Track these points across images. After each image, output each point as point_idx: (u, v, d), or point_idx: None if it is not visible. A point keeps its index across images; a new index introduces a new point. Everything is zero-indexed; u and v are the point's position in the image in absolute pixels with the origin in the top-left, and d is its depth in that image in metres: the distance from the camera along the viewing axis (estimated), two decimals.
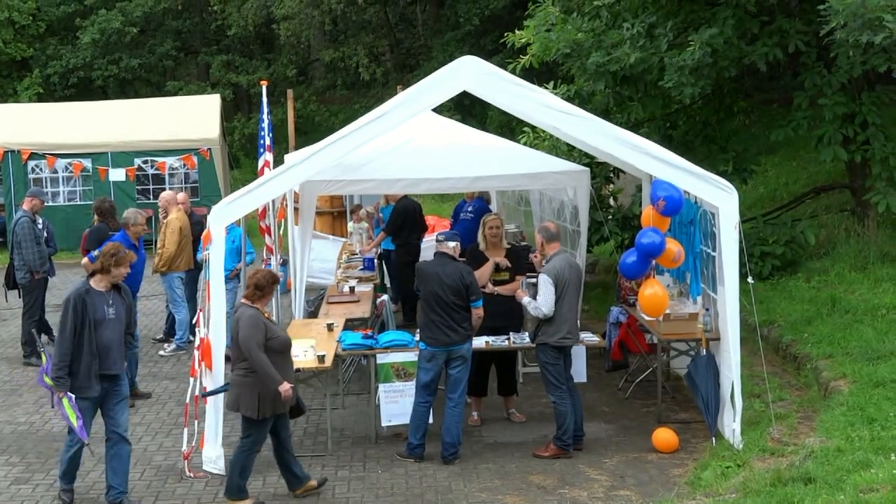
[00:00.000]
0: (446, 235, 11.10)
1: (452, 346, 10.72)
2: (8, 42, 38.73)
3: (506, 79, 10.75)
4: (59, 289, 20.36)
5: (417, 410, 10.89)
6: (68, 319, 9.40)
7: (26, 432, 12.26)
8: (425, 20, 42.22)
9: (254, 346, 9.28)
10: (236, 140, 37.86)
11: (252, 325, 9.37)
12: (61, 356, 9.37)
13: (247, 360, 9.38)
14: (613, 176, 16.98)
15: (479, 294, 10.82)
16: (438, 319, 10.72)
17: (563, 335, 10.78)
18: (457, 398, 10.79)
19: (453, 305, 10.65)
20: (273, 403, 9.43)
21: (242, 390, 9.46)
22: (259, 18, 39.31)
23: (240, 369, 9.49)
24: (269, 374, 9.28)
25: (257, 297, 9.56)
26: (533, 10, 16.91)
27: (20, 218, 15.35)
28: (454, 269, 10.78)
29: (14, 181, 26.18)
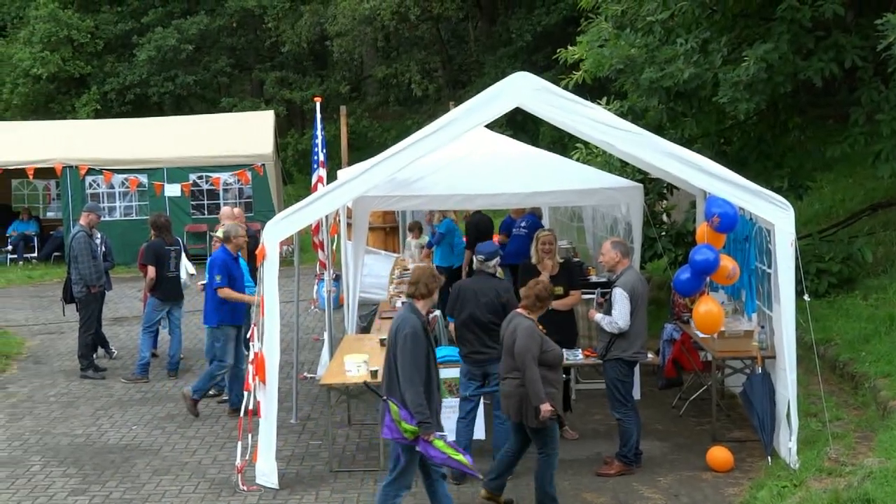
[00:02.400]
0: (485, 254, 11.07)
1: (486, 364, 10.70)
2: (67, 60, 39.27)
3: (559, 95, 10.73)
4: (115, 303, 20.61)
5: (457, 427, 10.90)
6: (419, 354, 8.88)
7: (83, 444, 12.38)
8: (477, 36, 42.33)
9: (529, 359, 9.27)
10: (289, 156, 38.11)
11: (529, 337, 9.38)
12: (420, 395, 8.80)
13: (518, 369, 9.37)
14: (667, 192, 16.89)
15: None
16: (473, 338, 10.76)
17: (637, 350, 10.74)
18: (502, 415, 10.74)
19: (490, 324, 10.62)
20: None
21: (523, 400, 9.42)
22: (312, 35, 39.57)
23: (513, 378, 9.45)
24: (536, 390, 9.28)
25: (536, 308, 9.60)
26: (586, 26, 16.89)
27: (77, 233, 15.54)
28: (490, 287, 10.78)
29: (72, 196, 26.53)
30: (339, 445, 11.88)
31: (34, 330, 19.43)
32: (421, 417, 8.71)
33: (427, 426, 8.74)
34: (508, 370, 9.55)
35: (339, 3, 38.29)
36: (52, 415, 13.69)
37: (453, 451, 8.85)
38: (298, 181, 34.73)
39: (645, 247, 15.11)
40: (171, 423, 13.13)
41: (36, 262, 28.20)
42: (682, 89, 14.99)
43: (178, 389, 14.73)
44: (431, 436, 8.77)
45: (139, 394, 14.62)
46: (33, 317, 20.83)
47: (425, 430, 8.75)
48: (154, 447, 12.20)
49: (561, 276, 12.15)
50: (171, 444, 12.30)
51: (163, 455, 11.87)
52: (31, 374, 16.04)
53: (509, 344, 9.53)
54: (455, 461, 8.86)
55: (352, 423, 12.77)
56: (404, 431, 8.78)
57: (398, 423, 8.78)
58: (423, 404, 8.72)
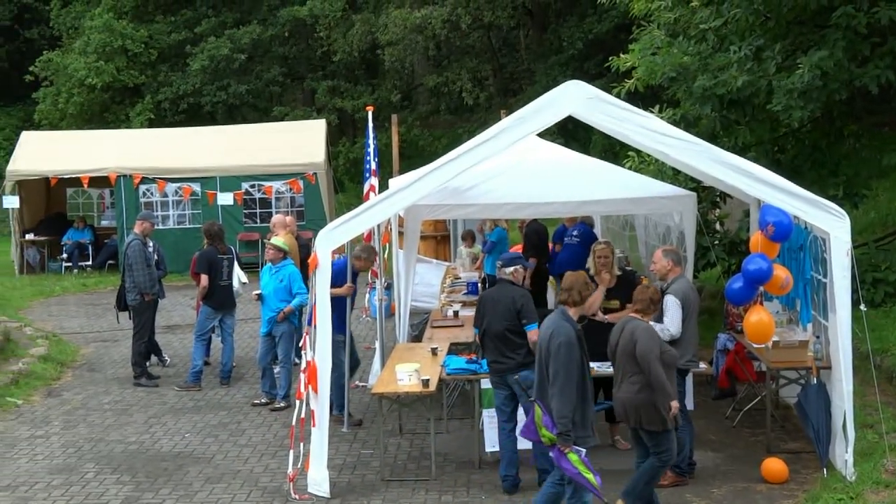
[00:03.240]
0: (504, 260, 11.03)
1: (506, 374, 10.64)
2: (121, 69, 39.68)
3: (612, 103, 10.67)
4: (168, 311, 20.75)
5: (499, 437, 10.87)
6: (572, 363, 8.84)
7: (136, 452, 12.46)
8: (528, 44, 42.29)
9: (654, 360, 9.26)
10: (341, 164, 38.25)
11: (650, 338, 9.38)
12: (567, 406, 8.75)
13: (639, 373, 9.34)
14: (720, 201, 16.77)
15: (532, 318, 10.59)
16: (491, 345, 10.74)
17: (689, 358, 10.65)
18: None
19: (506, 331, 10.58)
20: None
21: (643, 404, 9.40)
22: (364, 44, 39.68)
23: (633, 383, 9.42)
24: (666, 389, 9.30)
25: (650, 310, 9.61)
26: (638, 34, 16.80)
27: (131, 241, 15.66)
28: (506, 295, 10.72)
29: (126, 205, 26.79)
30: (390, 454, 11.88)
31: (88, 338, 19.61)
32: (562, 429, 8.69)
33: (566, 438, 8.70)
34: (626, 374, 9.44)
35: (391, 12, 38.38)
36: (105, 422, 13.80)
37: (585, 468, 8.75)
38: (350, 190, 34.87)
39: (698, 256, 15.02)
40: (223, 431, 13.19)
41: (90, 271, 28.48)
42: (735, 97, 14.87)
43: (230, 398, 14.83)
44: (568, 448, 8.72)
45: (192, 402, 14.70)
46: (88, 324, 21.03)
47: (563, 442, 8.72)
48: (207, 455, 12.26)
49: (618, 289, 12.04)
50: (223, 451, 12.36)
51: (215, 463, 11.93)
52: (85, 381, 16.18)
53: (627, 348, 9.42)
54: (584, 479, 8.76)
55: (403, 433, 12.77)
56: (542, 436, 8.79)
57: (538, 426, 8.80)
58: (568, 416, 8.68)
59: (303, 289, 13.83)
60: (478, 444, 11.47)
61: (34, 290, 25.45)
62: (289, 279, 14.11)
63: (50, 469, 11.84)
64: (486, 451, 11.37)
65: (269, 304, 14.16)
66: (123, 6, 41.06)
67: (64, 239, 29.07)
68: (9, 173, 27.65)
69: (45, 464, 12.05)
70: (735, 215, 17.53)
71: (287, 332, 14.20)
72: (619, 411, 9.70)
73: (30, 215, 29.16)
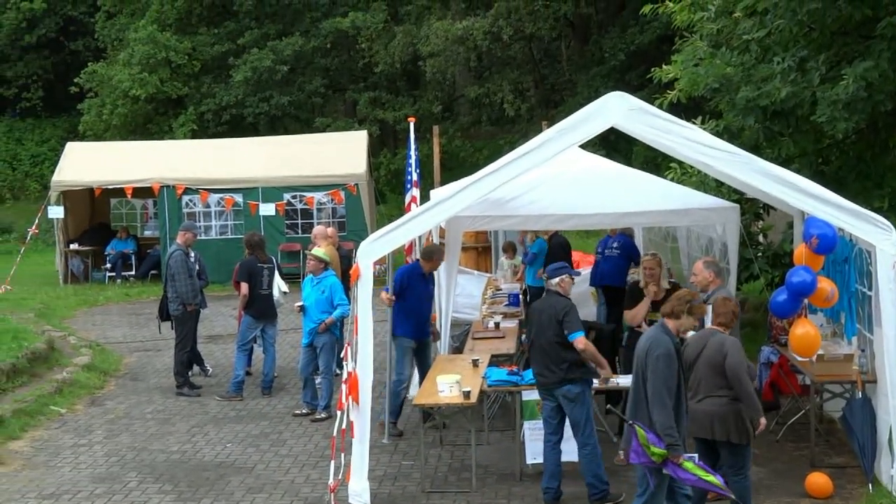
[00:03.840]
0: (550, 271, 10.96)
1: (550, 388, 10.60)
2: (165, 81, 39.96)
3: (654, 115, 10.63)
4: (210, 321, 20.85)
5: (544, 448, 10.83)
6: (671, 376, 8.80)
7: (178, 461, 12.52)
8: (570, 56, 42.27)
9: (744, 374, 9.24)
10: (382, 175, 38.33)
11: (739, 352, 9.35)
12: (670, 418, 8.70)
13: (726, 387, 9.28)
14: (763, 212, 16.66)
15: (574, 327, 10.50)
16: (537, 357, 10.72)
17: None
18: (582, 440, 10.54)
19: (550, 343, 10.53)
20: None
21: (730, 417, 9.34)
22: (405, 56, 39.77)
23: (719, 397, 9.34)
24: (756, 403, 9.32)
25: (732, 323, 9.57)
26: (680, 45, 16.73)
27: (174, 251, 15.76)
28: (548, 306, 10.68)
29: (169, 215, 26.97)
30: (431, 466, 11.87)
31: (131, 347, 19.74)
32: (670, 440, 8.63)
33: (676, 449, 8.65)
34: (712, 388, 9.34)
35: (432, 23, 38.48)
36: (148, 431, 13.88)
37: (704, 472, 8.71)
38: (391, 201, 34.91)
39: (741, 268, 14.92)
40: (264, 441, 13.23)
41: (133, 280, 28.70)
42: (779, 108, 14.76)
43: (271, 408, 14.87)
44: (680, 458, 8.66)
45: (233, 411, 14.76)
46: (130, 334, 21.17)
47: (674, 453, 8.65)
48: (248, 465, 12.30)
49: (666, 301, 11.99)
50: (264, 461, 12.39)
51: (256, 473, 11.97)
52: (128, 390, 16.29)
53: (714, 361, 9.32)
54: (706, 482, 8.73)
55: (444, 444, 12.76)
56: (652, 455, 8.69)
57: (646, 447, 8.69)
58: (673, 427, 8.64)
59: (344, 300, 13.87)
60: (519, 456, 11.45)
61: (78, 300, 25.67)
62: (330, 290, 14.15)
63: (93, 478, 11.92)
64: (527, 464, 11.35)
65: (310, 315, 14.21)
66: (167, 18, 41.36)
67: (107, 249, 29.31)
68: (54, 184, 27.91)
69: (89, 472, 12.13)
70: (778, 227, 17.41)
71: (328, 342, 14.23)
72: (704, 424, 9.45)
73: (74, 225, 29.42)
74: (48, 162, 43.57)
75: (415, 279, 13.32)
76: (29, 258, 30.65)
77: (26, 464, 12.52)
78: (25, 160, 46.34)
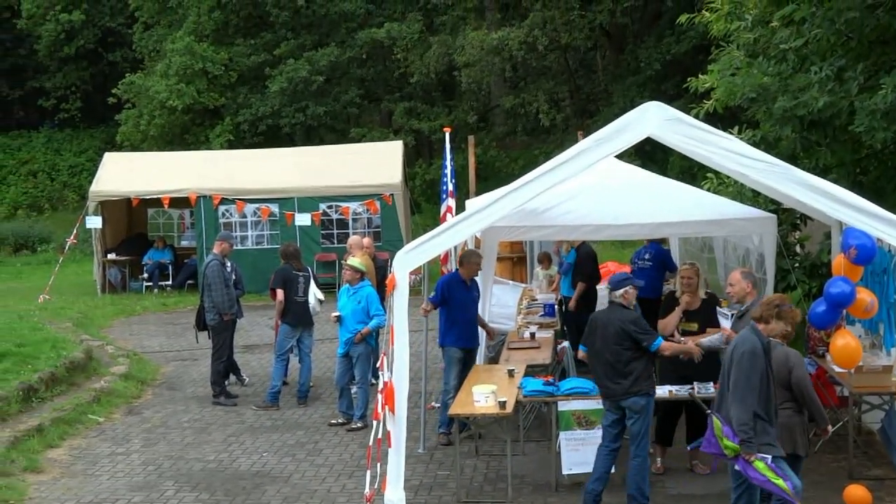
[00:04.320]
0: (613, 283, 10.94)
1: (616, 399, 10.57)
2: (202, 91, 40.18)
3: (691, 125, 10.58)
4: (246, 330, 20.94)
5: (598, 453, 10.78)
6: (754, 373, 8.74)
7: (215, 470, 12.58)
8: (605, 65, 42.20)
9: (810, 386, 9.30)
10: (417, 185, 38.37)
11: (802, 365, 9.40)
12: (748, 414, 8.69)
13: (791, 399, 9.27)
14: (801, 223, 16.56)
15: (651, 338, 10.55)
16: (599, 370, 10.68)
17: None
18: (635, 450, 10.52)
19: (616, 354, 10.50)
20: None
21: (796, 429, 9.33)
22: (441, 66, 39.83)
23: (785, 408, 9.29)
24: (823, 414, 9.45)
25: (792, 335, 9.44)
26: (717, 55, 16.68)
27: (210, 261, 15.85)
28: (615, 317, 10.65)
29: (205, 225, 27.10)
30: (466, 476, 11.87)
31: (168, 356, 19.85)
32: (744, 436, 8.62)
33: (749, 446, 8.63)
34: (781, 401, 9.25)
35: (468, 33, 38.52)
36: (185, 440, 13.95)
37: (774, 474, 8.64)
38: (426, 211, 34.96)
39: (778, 278, 14.82)
40: (300, 451, 13.27)
41: (170, 290, 28.85)
42: (816, 118, 14.68)
43: (307, 417, 14.92)
44: (752, 456, 8.64)
45: (269, 421, 14.81)
46: (167, 343, 21.29)
47: (746, 450, 8.64)
48: (284, 474, 12.34)
49: (700, 312, 11.97)
50: (300, 471, 12.43)
51: (293, 482, 12.01)
52: (165, 399, 16.38)
53: (779, 374, 9.24)
54: (774, 486, 8.66)
55: (479, 454, 12.76)
56: (725, 448, 8.72)
57: (719, 438, 8.74)
58: (749, 424, 8.62)
59: (380, 310, 13.90)
60: (555, 467, 11.42)
61: (116, 309, 25.84)
62: (366, 300, 14.18)
63: (130, 486, 12.00)
64: (562, 474, 11.33)
65: (346, 325, 14.25)
66: (204, 29, 41.59)
67: (145, 259, 29.48)
68: (92, 194, 28.10)
69: (126, 481, 12.21)
70: (816, 237, 17.28)
71: (364, 353, 14.27)
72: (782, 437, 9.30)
73: (112, 235, 29.60)
74: (86, 172, 43.99)
75: (455, 287, 13.35)
76: (67, 268, 30.89)
77: (65, 472, 12.62)
78: (64, 170, 46.81)
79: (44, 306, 25.51)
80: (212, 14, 41.64)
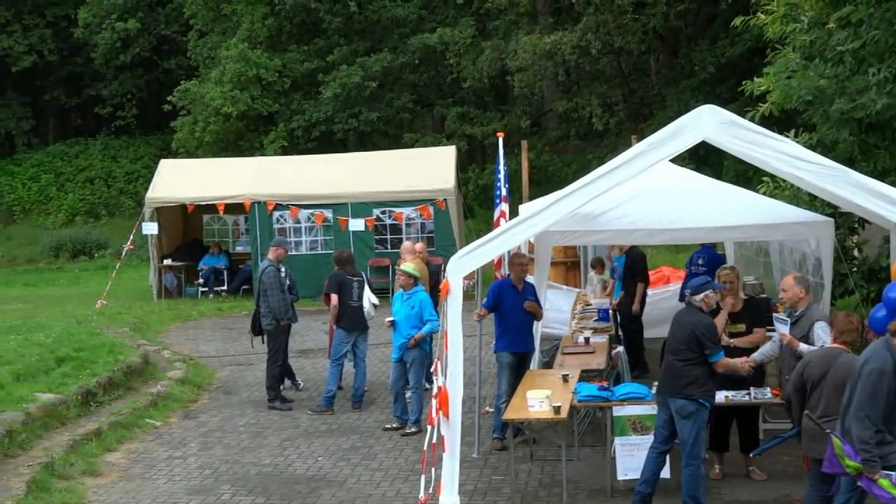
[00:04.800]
0: (693, 287, 10.89)
1: (667, 396, 10.54)
2: (256, 98, 40.43)
3: (747, 128, 10.51)
4: (301, 335, 21.04)
5: (647, 455, 10.74)
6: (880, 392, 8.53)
7: (270, 474, 12.65)
8: (659, 69, 42.02)
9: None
10: (470, 190, 38.37)
11: None
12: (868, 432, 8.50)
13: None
14: (858, 226, 16.37)
15: (715, 349, 10.55)
16: (665, 366, 10.68)
17: None
18: (687, 458, 10.46)
19: (680, 356, 10.48)
20: None
21: None
22: (493, 71, 39.85)
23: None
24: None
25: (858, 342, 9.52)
26: (772, 57, 16.54)
27: (267, 267, 15.95)
28: (689, 321, 10.63)
29: (260, 231, 27.25)
30: (521, 481, 11.85)
31: (224, 361, 19.98)
32: (865, 455, 8.48)
33: (872, 465, 8.49)
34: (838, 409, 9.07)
35: (520, 38, 38.49)
36: (241, 444, 14.04)
37: None
38: (479, 216, 34.97)
39: (835, 283, 14.67)
40: (355, 455, 13.31)
41: (225, 295, 29.00)
42: (874, 120, 14.52)
43: (362, 422, 14.96)
44: (876, 474, 8.50)
45: (325, 425, 14.87)
46: (223, 348, 21.43)
47: (869, 469, 8.51)
48: (339, 478, 12.38)
49: (744, 313, 11.93)
50: (355, 475, 12.47)
51: (348, 486, 12.04)
52: (220, 404, 16.49)
53: (838, 382, 9.15)
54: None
55: (534, 459, 12.73)
56: (847, 467, 8.62)
57: (840, 458, 8.62)
58: (870, 443, 8.47)
59: (433, 316, 13.92)
60: (610, 472, 11.37)
61: (172, 315, 26.04)
62: (420, 306, 14.20)
63: (187, 490, 12.09)
64: (618, 479, 11.27)
65: (400, 330, 14.28)
66: (258, 36, 41.86)
67: (200, 264, 29.69)
68: (148, 200, 28.37)
69: (183, 485, 12.31)
70: (874, 241, 17.08)
71: (418, 358, 14.29)
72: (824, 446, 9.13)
73: (168, 241, 29.85)
74: (142, 179, 44.43)
75: (506, 292, 13.34)
76: (124, 273, 31.19)
77: (123, 475, 12.74)
78: (120, 177, 47.30)
79: (101, 311, 25.78)
80: (265, 21, 41.91)
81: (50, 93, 51.36)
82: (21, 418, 13.45)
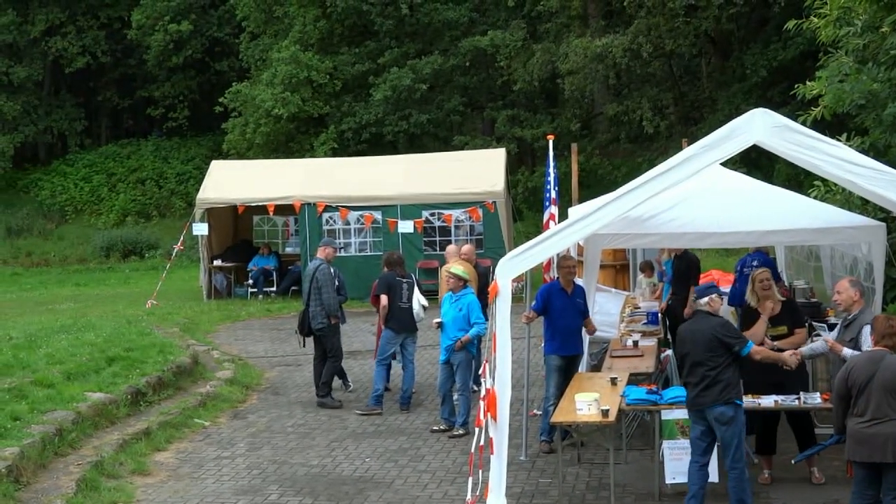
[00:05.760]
0: (698, 293, 10.86)
1: (704, 408, 10.40)
2: (307, 100, 40.61)
3: (799, 132, 10.42)
4: (349, 336, 21.09)
5: (689, 469, 10.65)
6: None
7: (318, 475, 12.70)
8: (710, 72, 41.79)
9: None
10: (519, 193, 38.32)
11: None
12: None
13: None
14: None
15: (742, 342, 10.42)
16: (691, 380, 10.51)
17: None
18: (731, 463, 10.35)
19: (706, 363, 10.33)
20: None
21: None
22: (544, 73, 39.78)
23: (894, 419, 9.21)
24: None
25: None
26: (825, 61, 16.42)
27: (320, 265, 16.06)
28: (705, 325, 10.50)
29: (309, 232, 27.34)
30: (568, 484, 11.83)
31: (272, 362, 20.09)
32: None
33: None
34: (888, 412, 9.05)
35: (572, 41, 38.41)
36: (289, 445, 14.11)
37: None
38: (528, 218, 34.92)
39: (887, 288, 14.54)
40: (403, 457, 13.34)
41: (275, 296, 29.12)
42: None
43: (409, 423, 14.98)
44: None
45: (372, 426, 14.91)
46: (272, 349, 21.55)
47: None
48: (387, 480, 12.41)
49: (783, 314, 11.87)
50: (402, 477, 12.49)
51: (395, 488, 12.07)
52: (269, 404, 16.58)
53: (887, 383, 9.11)
54: None
55: (581, 462, 12.70)
56: None
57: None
58: None
59: (480, 318, 13.93)
60: (658, 476, 11.33)
61: (221, 315, 26.21)
62: (468, 308, 14.21)
63: (235, 490, 12.17)
64: (666, 483, 11.22)
65: (448, 332, 14.30)
66: (309, 38, 42.06)
67: (250, 265, 29.84)
68: (199, 201, 28.56)
69: (231, 485, 12.39)
70: None
71: (465, 360, 14.30)
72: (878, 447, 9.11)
73: (218, 242, 30.05)
74: (193, 180, 44.77)
75: (555, 296, 13.32)
76: (174, 274, 31.46)
77: (171, 475, 12.84)
78: (171, 178, 47.69)
79: (151, 311, 26.02)
80: (317, 24, 42.10)
81: (103, 94, 51.94)
82: (71, 417, 13.58)
